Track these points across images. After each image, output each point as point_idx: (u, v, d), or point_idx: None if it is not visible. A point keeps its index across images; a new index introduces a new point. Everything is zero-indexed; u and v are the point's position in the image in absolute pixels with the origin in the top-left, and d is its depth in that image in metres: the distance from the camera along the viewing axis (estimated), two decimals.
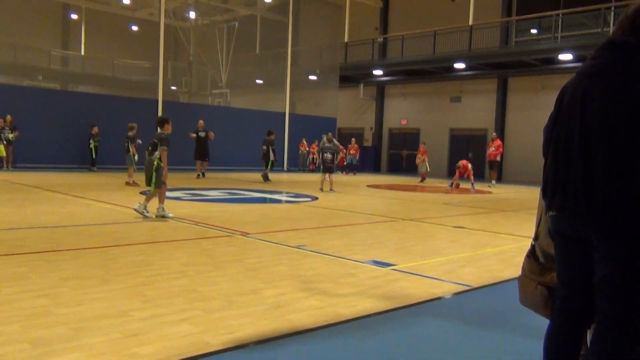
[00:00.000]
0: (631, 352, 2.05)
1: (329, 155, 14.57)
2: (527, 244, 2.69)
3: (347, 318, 3.68)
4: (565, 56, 21.02)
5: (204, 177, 18.08)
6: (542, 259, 2.56)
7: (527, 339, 3.49)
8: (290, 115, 25.91)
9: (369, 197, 14.05)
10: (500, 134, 23.09)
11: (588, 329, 2.30)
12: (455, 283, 4.82)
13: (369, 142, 30.76)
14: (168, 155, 7.99)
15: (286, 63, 26.07)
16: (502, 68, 24.28)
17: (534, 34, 23.92)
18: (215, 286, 4.33)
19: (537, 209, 2.62)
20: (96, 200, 10.05)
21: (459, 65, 24.37)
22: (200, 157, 18.39)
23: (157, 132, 8.22)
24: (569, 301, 2.27)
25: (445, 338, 3.46)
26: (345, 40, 28.97)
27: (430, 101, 28.31)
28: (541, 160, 2.42)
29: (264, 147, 17.35)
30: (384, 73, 27.79)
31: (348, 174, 24.00)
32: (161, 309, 3.67)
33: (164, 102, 21.77)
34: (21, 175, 15.17)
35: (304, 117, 26.85)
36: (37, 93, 21.12)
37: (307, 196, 12.93)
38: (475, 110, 26.35)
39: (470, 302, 4.38)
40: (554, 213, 2.24)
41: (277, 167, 17.66)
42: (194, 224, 7.62)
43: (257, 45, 32.05)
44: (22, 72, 28.83)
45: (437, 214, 10.47)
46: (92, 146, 18.72)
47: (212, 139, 18.58)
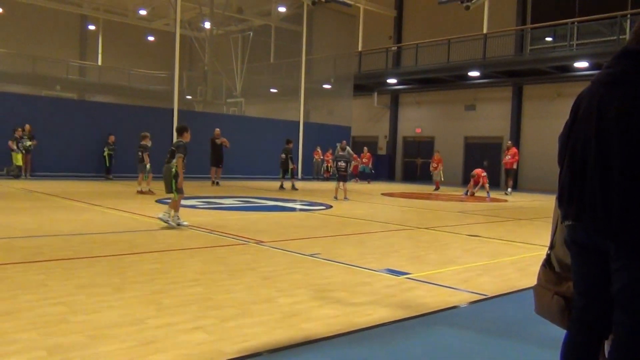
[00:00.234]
0: None
1: (342, 164, 14.58)
2: (543, 252, 2.66)
3: (361, 327, 3.66)
4: (581, 64, 20.87)
5: (218, 185, 18.31)
6: (558, 269, 2.52)
7: (544, 349, 3.44)
8: (304, 123, 25.98)
9: (384, 205, 14.01)
10: (515, 142, 22.94)
11: (606, 340, 2.27)
12: (470, 292, 4.79)
13: (383, 151, 30.72)
14: (185, 162, 8.05)
15: (300, 72, 26.17)
16: (517, 76, 24.15)
17: (549, 42, 23.79)
18: (229, 294, 4.34)
19: (553, 218, 2.59)
20: (112, 209, 10.14)
21: (474, 74, 24.28)
22: (215, 163, 18.70)
23: (176, 141, 8.31)
24: (586, 312, 2.24)
25: (461, 347, 3.42)
26: (359, 49, 29.02)
27: (444, 109, 28.22)
28: (557, 169, 2.39)
29: (283, 156, 17.46)
30: (398, 81, 27.78)
31: (362, 182, 23.97)
32: (176, 317, 3.68)
33: (179, 111, 21.95)
34: (39, 184, 15.35)
35: (318, 126, 26.90)
36: (55, 103, 21.41)
37: (321, 204, 12.93)
38: (490, 118, 26.21)
39: (486, 312, 4.34)
40: (570, 222, 2.22)
41: (285, 175, 17.70)
42: (209, 232, 7.65)
43: (271, 54, 32.22)
44: (40, 82, 29.23)
45: (452, 222, 10.41)
46: (106, 154, 18.98)
47: (228, 146, 18.81)
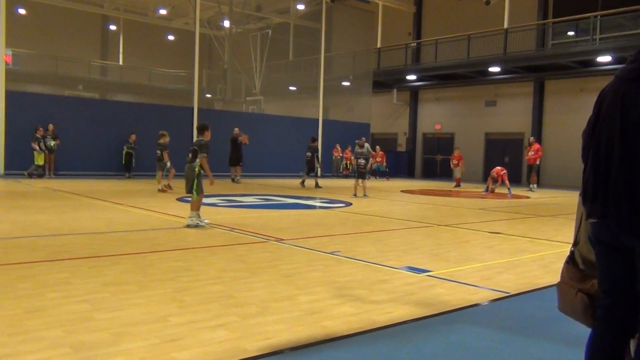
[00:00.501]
0: None
1: (362, 161, 14.54)
2: (566, 250, 2.63)
3: (382, 325, 3.66)
4: (604, 58, 20.52)
5: (239, 182, 18.50)
6: (582, 266, 2.50)
7: (567, 347, 3.41)
8: (323, 121, 25.99)
9: (403, 202, 13.96)
10: (537, 137, 22.66)
11: (632, 339, 2.24)
12: (492, 290, 4.75)
13: (402, 147, 30.59)
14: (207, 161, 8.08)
15: (319, 69, 26.16)
16: (538, 71, 23.86)
17: (571, 36, 23.44)
18: (251, 292, 4.37)
19: (576, 214, 2.56)
20: (134, 207, 10.26)
21: (494, 69, 24.04)
22: (234, 162, 18.89)
23: (197, 139, 8.32)
24: (612, 310, 2.22)
25: (483, 346, 3.40)
26: (378, 45, 28.91)
27: (464, 105, 28.00)
28: (580, 164, 2.37)
29: (308, 154, 17.53)
30: (417, 78, 27.62)
31: (380, 179, 23.87)
32: (198, 314, 3.72)
33: (199, 109, 22.09)
34: (62, 183, 15.59)
35: (337, 123, 26.89)
36: (78, 102, 21.72)
37: (340, 202, 12.93)
38: (511, 114, 25.94)
39: (508, 309, 4.30)
40: (595, 220, 2.19)
41: (310, 172, 17.76)
42: (230, 230, 7.70)
43: (290, 52, 32.28)
44: (63, 82, 29.68)
45: (472, 219, 10.33)
46: (125, 152, 19.23)
47: (246, 142, 18.98)
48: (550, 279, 5.12)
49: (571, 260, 2.54)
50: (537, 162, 19.44)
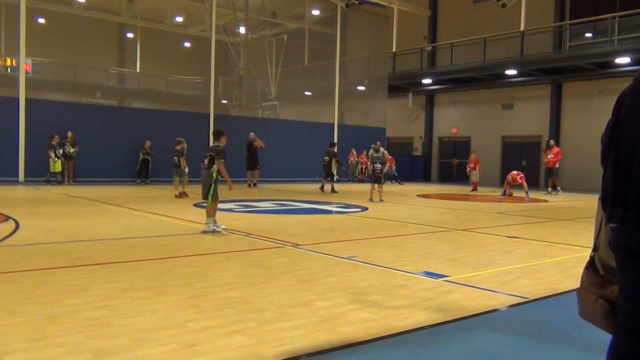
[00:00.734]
0: None
1: (378, 166, 14.53)
2: (586, 254, 2.60)
3: (399, 331, 3.64)
4: (623, 59, 20.29)
5: (255, 187, 18.68)
6: (602, 271, 2.46)
7: (588, 353, 3.36)
8: (339, 125, 26.01)
9: (419, 207, 13.90)
10: (555, 141, 22.45)
11: None
12: (510, 295, 4.71)
13: (418, 151, 30.48)
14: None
15: (334, 74, 26.21)
16: (555, 73, 23.64)
17: (589, 38, 23.22)
18: (267, 298, 4.38)
19: (596, 219, 2.53)
20: (151, 213, 10.34)
21: (511, 72, 23.88)
22: (251, 167, 19.06)
23: (213, 145, 8.34)
24: (633, 316, 2.18)
25: (502, 352, 3.37)
26: (394, 49, 28.88)
27: (481, 109, 27.84)
28: (598, 168, 2.34)
29: (326, 158, 17.57)
30: (433, 82, 27.54)
31: (394, 183, 23.75)
32: (215, 320, 3.73)
33: (215, 115, 22.25)
34: (80, 189, 15.78)
35: (353, 128, 26.89)
36: (96, 110, 21.99)
37: (356, 207, 12.91)
38: (528, 117, 25.73)
39: (527, 315, 4.26)
40: (615, 225, 2.16)
41: (328, 177, 17.76)
42: (246, 236, 7.73)
43: (305, 57, 32.38)
44: (81, 90, 30.07)
45: (490, 223, 10.25)
46: (141, 159, 19.42)
47: (262, 146, 19.12)
48: (569, 284, 5.06)
49: (591, 265, 2.51)
50: (557, 166, 19.25)
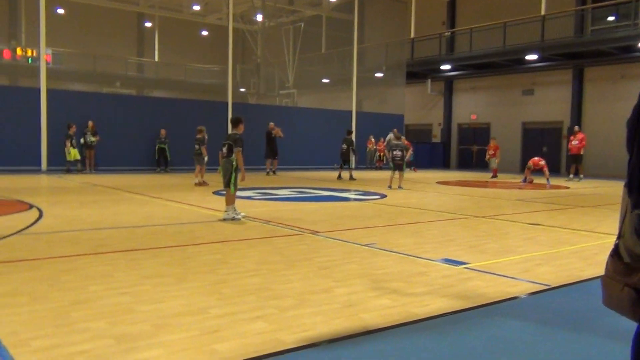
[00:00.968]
0: None
1: (398, 153, 14.47)
2: (609, 241, 2.56)
3: (419, 318, 3.63)
4: None
5: (274, 174, 18.82)
6: (627, 259, 2.42)
7: (612, 341, 3.32)
8: (357, 113, 25.91)
9: (439, 194, 13.82)
10: (575, 126, 22.13)
11: None
12: (531, 282, 4.67)
13: (437, 138, 30.28)
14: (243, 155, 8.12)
15: (352, 61, 26.07)
16: (577, 58, 23.23)
17: (611, 22, 22.74)
18: (288, 284, 4.40)
19: (621, 205, 2.48)
20: (171, 201, 10.43)
21: (531, 57, 23.53)
22: (270, 155, 19.21)
23: (231, 133, 8.35)
24: None
25: (523, 339, 3.34)
26: (412, 35, 28.61)
27: (501, 95, 27.52)
28: (622, 153, 2.31)
29: (344, 146, 17.56)
30: (452, 68, 27.25)
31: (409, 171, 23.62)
32: (237, 306, 3.76)
33: (233, 103, 22.31)
34: (101, 178, 15.97)
35: (371, 115, 26.78)
36: (116, 99, 22.18)
37: (375, 194, 12.88)
38: (549, 102, 25.38)
39: (549, 302, 4.22)
40: None
41: (345, 165, 17.74)
42: (265, 223, 7.76)
43: (322, 44, 32.23)
44: (101, 79, 30.36)
45: (510, 210, 10.16)
46: (157, 148, 19.58)
47: (281, 135, 19.19)
48: (592, 272, 5.00)
49: (616, 253, 2.46)
50: (581, 152, 18.99)
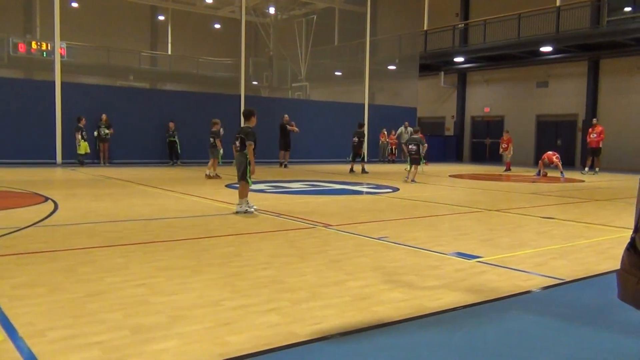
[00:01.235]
0: None
1: (413, 147, 14.43)
2: (625, 235, 2.54)
3: (432, 311, 3.63)
4: None
5: (286, 167, 18.90)
6: None
7: (627, 336, 3.30)
8: (369, 106, 25.83)
9: (452, 187, 13.77)
10: (591, 119, 21.90)
11: None
12: (545, 276, 4.64)
13: (450, 131, 30.12)
14: (255, 149, 8.13)
15: (365, 54, 25.96)
16: (593, 50, 22.96)
17: (628, 12, 22.41)
18: (300, 277, 4.41)
19: (637, 198, 2.46)
20: (185, 194, 10.49)
21: (546, 49, 23.29)
22: (283, 147, 19.35)
23: (243, 126, 8.36)
24: None
25: (537, 334, 3.33)
26: (425, 28, 28.42)
27: (514, 87, 27.29)
28: (637, 147, 2.27)
29: (355, 139, 17.55)
30: (465, 60, 27.06)
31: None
32: (250, 299, 3.78)
33: (246, 96, 22.34)
34: (115, 171, 16.09)
35: (383, 108, 26.68)
36: (129, 92, 22.32)
37: (388, 187, 12.86)
38: (563, 95, 25.13)
39: (563, 297, 4.19)
40: None
41: (357, 158, 17.73)
42: (277, 216, 7.78)
43: (335, 37, 32.14)
44: (115, 72, 30.52)
45: (524, 204, 10.10)
46: (168, 141, 19.65)
47: (296, 131, 19.32)
48: (607, 266, 4.96)
49: (632, 247, 2.45)
50: (600, 145, 18.80)
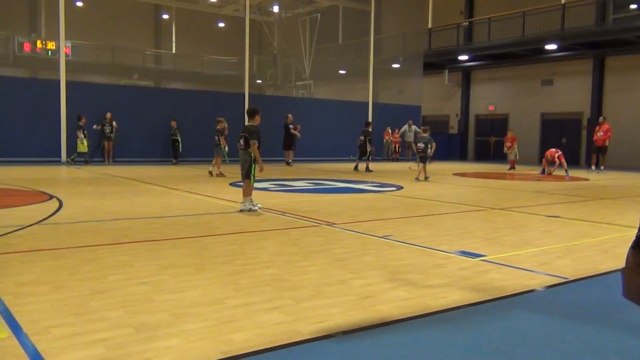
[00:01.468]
0: None
1: (421, 145, 14.40)
2: (630, 234, 2.53)
3: (436, 310, 3.63)
4: None
5: (290, 165, 18.97)
6: None
7: (631, 334, 3.29)
8: (373, 104, 25.80)
9: (456, 186, 13.75)
10: (596, 117, 21.82)
11: None
12: (550, 275, 4.63)
13: (454, 130, 30.06)
14: (259, 147, 8.13)
15: (369, 52, 25.92)
16: (598, 47, 22.86)
17: (634, 10, 22.29)
18: (304, 276, 4.41)
19: None
20: (189, 192, 10.51)
21: (551, 47, 23.19)
22: (287, 147, 19.39)
23: (247, 125, 8.37)
24: None
25: (540, 332, 3.32)
26: (429, 26, 28.36)
27: (519, 85, 27.21)
28: None
29: (361, 138, 17.55)
30: (469, 58, 26.98)
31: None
32: (253, 297, 3.79)
33: (250, 95, 22.35)
34: (120, 169, 16.12)
35: (387, 106, 26.64)
36: (134, 91, 22.34)
37: (391, 186, 12.85)
38: (568, 93, 25.03)
39: (567, 295, 4.19)
40: None
41: (363, 156, 17.73)
42: (281, 214, 7.78)
43: (339, 35, 32.09)
44: (119, 71, 30.55)
45: (528, 202, 10.07)
46: (171, 140, 19.63)
47: (298, 135, 19.48)
48: (611, 264, 4.95)
49: (637, 245, 2.44)
50: (606, 144, 18.73)
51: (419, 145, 14.60)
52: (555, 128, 25.60)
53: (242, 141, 8.15)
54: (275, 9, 29.31)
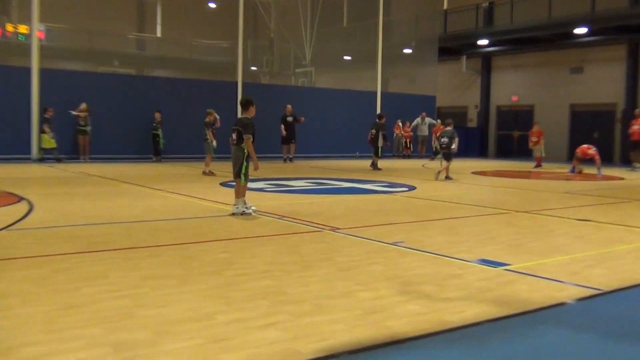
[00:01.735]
0: None
1: (445, 140, 14.32)
2: None
3: (453, 326, 3.61)
4: None
5: (291, 162, 18.98)
6: None
7: None
8: (382, 94, 25.78)
9: (475, 185, 13.74)
10: (631, 108, 21.77)
11: None
12: (581, 286, 4.61)
13: (473, 123, 30.07)
14: (253, 142, 8.09)
15: (377, 36, 25.89)
16: (632, 32, 22.82)
17: None
18: (303, 288, 4.39)
19: None
20: (174, 193, 10.49)
21: (580, 31, 23.15)
22: (287, 141, 19.40)
23: (241, 117, 8.34)
24: None
25: (572, 351, 3.30)
26: (445, 7, 28.36)
27: (545, 73, 27.19)
28: None
29: (373, 131, 17.54)
30: (490, 43, 26.95)
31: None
32: (246, 312, 3.76)
33: (244, 83, 22.35)
34: (97, 167, 16.12)
35: (398, 96, 26.63)
36: (113, 79, 22.32)
37: (403, 185, 12.84)
38: (600, 82, 25.01)
39: (600, 309, 4.18)
40: None
41: (368, 152, 17.74)
42: (279, 218, 7.76)
43: (344, 17, 32.06)
44: (97, 58, 30.55)
45: (556, 204, 10.06)
46: (152, 134, 19.45)
47: (303, 122, 19.38)
48: None
49: None
50: None
51: (442, 140, 14.50)
52: (586, 121, 25.58)
53: (234, 135, 8.10)
54: None
